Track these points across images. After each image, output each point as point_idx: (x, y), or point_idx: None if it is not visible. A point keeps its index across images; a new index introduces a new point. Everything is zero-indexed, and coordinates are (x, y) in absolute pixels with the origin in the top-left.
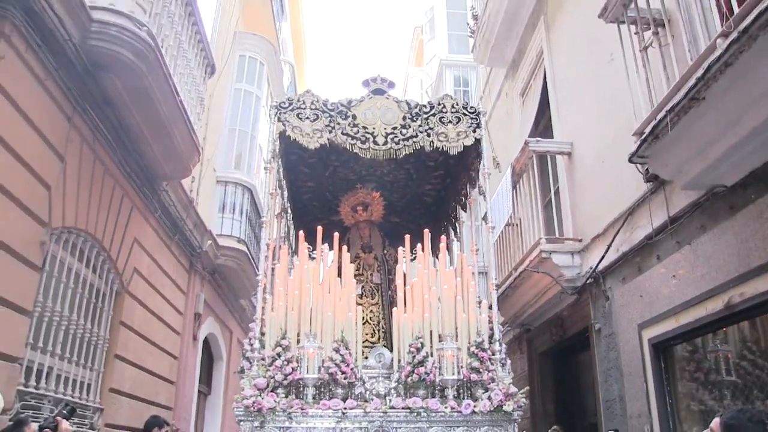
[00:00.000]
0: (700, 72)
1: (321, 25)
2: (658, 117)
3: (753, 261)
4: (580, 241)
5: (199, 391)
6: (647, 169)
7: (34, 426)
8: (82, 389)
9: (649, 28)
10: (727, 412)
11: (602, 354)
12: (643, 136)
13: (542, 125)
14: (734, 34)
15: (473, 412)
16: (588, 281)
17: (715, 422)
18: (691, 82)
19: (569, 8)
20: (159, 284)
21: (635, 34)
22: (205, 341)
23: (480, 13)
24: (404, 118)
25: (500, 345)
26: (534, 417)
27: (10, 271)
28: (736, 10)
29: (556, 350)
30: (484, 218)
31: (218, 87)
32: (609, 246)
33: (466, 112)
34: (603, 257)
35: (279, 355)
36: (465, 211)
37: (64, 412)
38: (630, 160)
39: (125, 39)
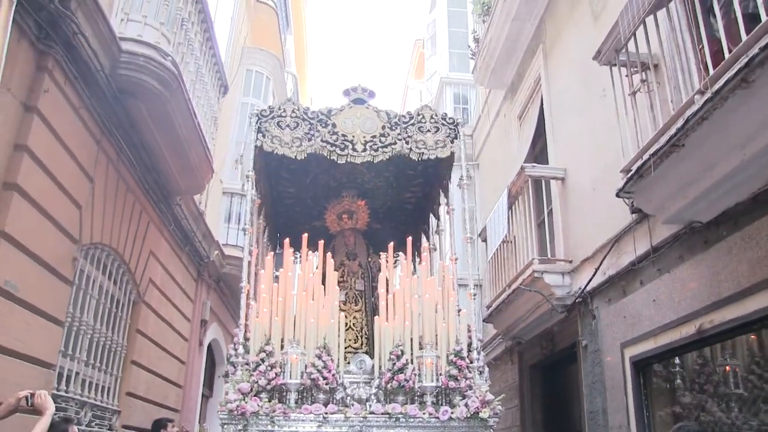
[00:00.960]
0: (680, 122)
1: (322, 34)
2: (643, 158)
3: (723, 291)
4: (571, 262)
5: (202, 394)
6: (633, 203)
7: (76, 428)
8: (103, 392)
9: (639, 72)
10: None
11: (588, 369)
12: (629, 174)
13: (538, 147)
14: (708, 94)
15: (450, 418)
16: (577, 300)
17: None
18: (673, 130)
19: (566, 40)
20: (171, 293)
21: (626, 76)
22: (209, 346)
23: (481, 36)
24: (383, 127)
25: (478, 353)
26: (523, 426)
27: (47, 285)
28: (710, 65)
29: (546, 363)
30: (481, 234)
31: (226, 101)
32: (597, 269)
33: (445, 122)
34: (591, 279)
35: (263, 360)
36: (438, 219)
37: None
38: (617, 195)
39: (151, 68)
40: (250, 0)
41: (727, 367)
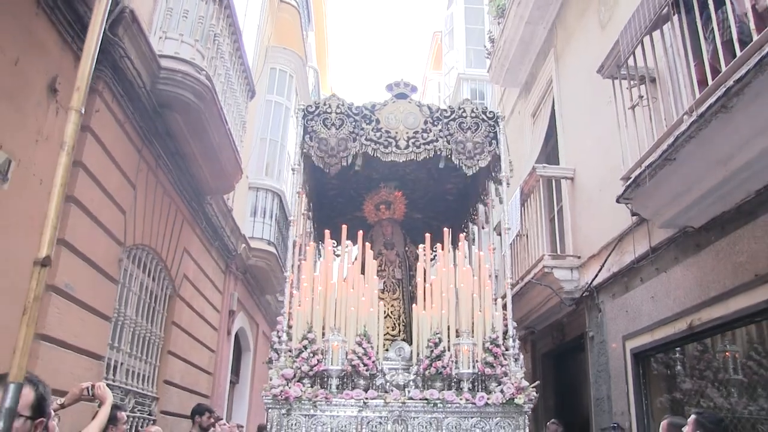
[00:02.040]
0: (671, 139)
1: (342, 27)
2: (639, 169)
3: (711, 292)
4: (579, 257)
5: (231, 380)
6: (632, 207)
7: (125, 414)
8: (143, 380)
9: (641, 84)
10: (705, 413)
11: (594, 358)
12: (628, 182)
13: (550, 145)
14: (694, 116)
15: (486, 404)
16: (584, 294)
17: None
18: (665, 145)
19: (576, 46)
20: (202, 287)
21: (627, 89)
22: (236, 335)
23: (496, 37)
24: (425, 122)
25: (513, 341)
26: (536, 411)
27: (98, 285)
28: (697, 88)
29: (557, 352)
30: (496, 228)
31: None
32: (602, 266)
33: (485, 118)
34: (597, 275)
35: (305, 347)
36: (486, 206)
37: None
38: (617, 201)
39: (188, 83)
40: (273, 0)
41: (727, 353)
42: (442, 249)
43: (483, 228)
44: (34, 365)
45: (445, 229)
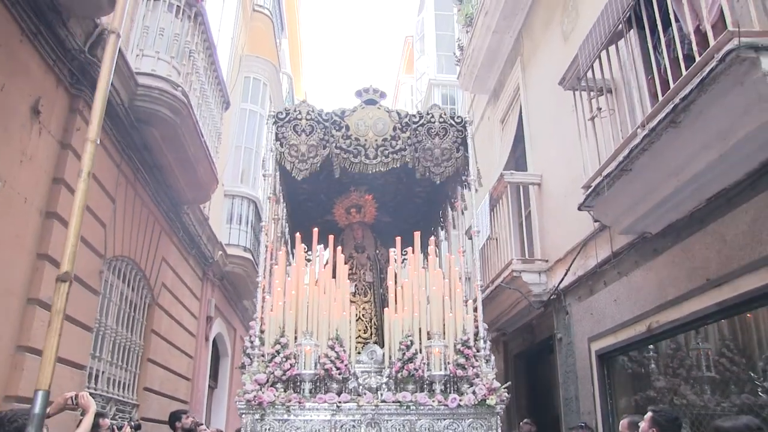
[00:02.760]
0: (626, 151)
1: (316, 32)
2: (599, 178)
3: (668, 295)
4: (547, 261)
5: (209, 386)
6: (593, 214)
7: (108, 421)
8: (123, 388)
9: (600, 95)
10: (659, 409)
11: (563, 359)
12: (588, 191)
13: (519, 151)
14: (646, 130)
15: (459, 405)
16: (552, 297)
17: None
18: (620, 157)
19: (541, 55)
20: (180, 294)
21: (587, 101)
22: (214, 340)
23: (465, 45)
24: (394, 128)
25: (485, 342)
26: (509, 411)
27: (80, 297)
28: (649, 103)
29: (528, 353)
30: (467, 233)
31: None
32: (567, 270)
33: (453, 123)
34: (563, 279)
35: (278, 352)
36: (453, 210)
37: (132, 424)
38: (579, 208)
39: (164, 99)
40: (247, 10)
41: (684, 353)
42: (413, 252)
43: (453, 230)
44: (19, 377)
45: (416, 233)
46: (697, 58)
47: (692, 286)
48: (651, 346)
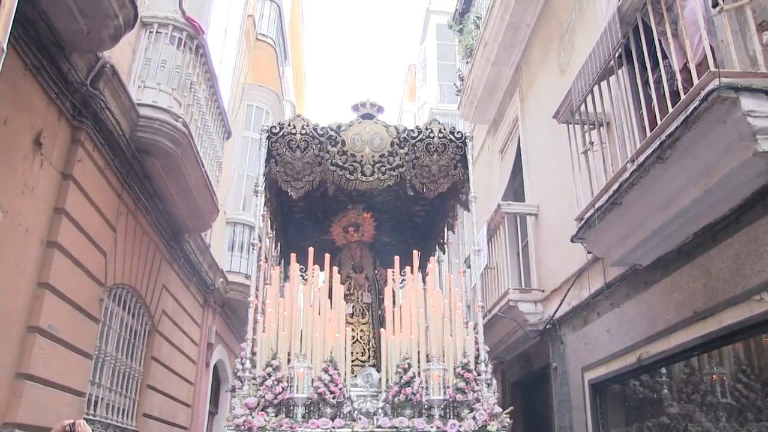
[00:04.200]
0: (616, 185)
1: (319, 59)
2: (590, 212)
3: (658, 326)
4: (543, 291)
5: (210, 412)
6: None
7: None
8: (123, 414)
9: (593, 128)
10: None
11: (558, 388)
12: (581, 223)
13: (518, 181)
14: (635, 166)
15: (458, 431)
16: (547, 327)
17: None
18: (611, 191)
19: (538, 87)
20: (180, 321)
21: (582, 134)
22: (214, 366)
23: (465, 75)
24: (392, 144)
25: (486, 366)
26: None
27: (80, 325)
28: (637, 139)
29: (525, 381)
30: (466, 261)
31: None
32: (562, 300)
33: (453, 138)
34: (558, 308)
35: (269, 374)
36: (453, 232)
37: None
38: (572, 240)
39: (165, 130)
40: (250, 39)
41: (673, 384)
42: (412, 272)
43: (449, 246)
44: (18, 403)
45: (415, 252)
46: (683, 96)
47: (679, 318)
48: (642, 377)
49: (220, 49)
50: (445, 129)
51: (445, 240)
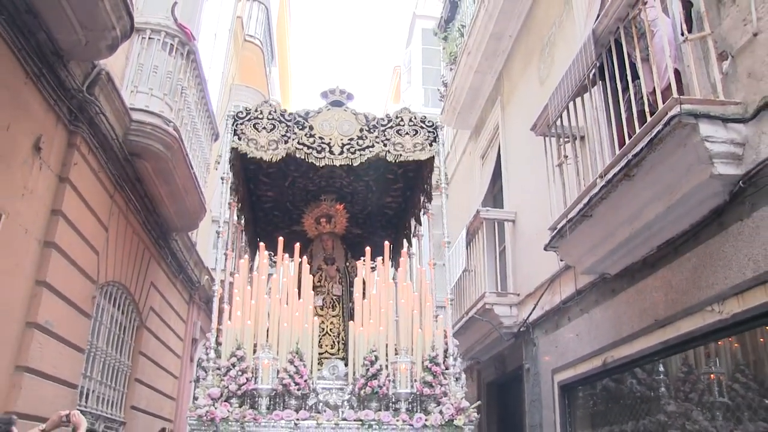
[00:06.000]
0: (586, 199)
1: (306, 58)
2: (562, 222)
3: (623, 332)
4: (518, 295)
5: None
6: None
7: None
8: (111, 406)
9: (568, 142)
10: None
11: (530, 389)
12: (554, 232)
13: (497, 187)
14: (603, 181)
15: (425, 425)
16: (521, 330)
17: None
18: (582, 204)
19: (519, 97)
20: (167, 317)
21: (557, 147)
22: (199, 361)
23: (449, 82)
24: (361, 130)
25: (455, 360)
26: None
27: (73, 321)
28: (607, 155)
29: (500, 382)
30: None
31: None
32: (536, 304)
33: (424, 125)
34: (531, 312)
35: (233, 365)
36: (420, 225)
37: None
38: (545, 248)
39: (156, 134)
40: (238, 40)
41: (636, 386)
42: (382, 263)
43: (420, 239)
44: (17, 394)
45: (386, 243)
46: (649, 118)
47: (642, 326)
48: (607, 380)
49: (209, 52)
50: (416, 117)
51: (415, 232)
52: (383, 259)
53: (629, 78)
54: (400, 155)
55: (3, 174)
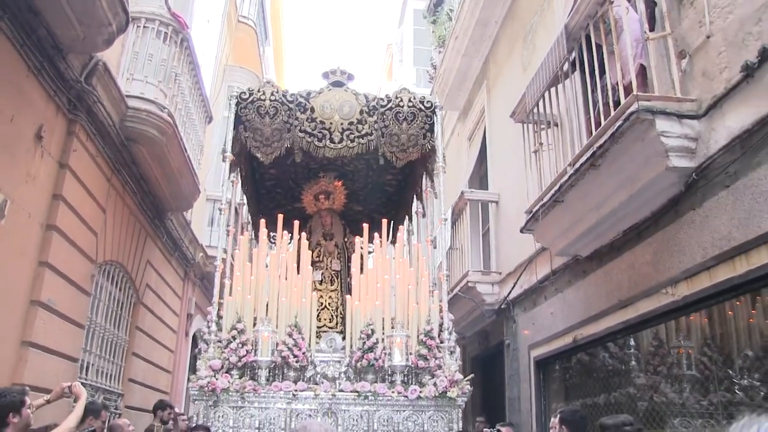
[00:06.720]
0: (558, 185)
1: (300, 37)
2: (537, 207)
3: (591, 311)
4: (500, 273)
5: (188, 378)
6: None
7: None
8: (110, 379)
9: (547, 128)
10: (564, 409)
11: (509, 363)
12: (529, 216)
13: (484, 168)
14: (572, 170)
15: (419, 397)
16: (502, 307)
17: (553, 421)
18: (554, 189)
19: (504, 82)
20: (162, 293)
21: (534, 133)
22: (194, 336)
23: (438, 64)
24: (361, 112)
25: (449, 334)
26: (465, 407)
27: (74, 298)
28: (576, 143)
29: (483, 356)
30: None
31: None
32: (515, 283)
33: (423, 108)
34: (511, 291)
35: (234, 337)
36: (420, 202)
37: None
38: (521, 231)
39: (152, 120)
40: (231, 21)
41: (605, 360)
42: (380, 239)
43: (423, 218)
44: (24, 367)
45: (384, 220)
46: (613, 113)
47: (607, 305)
48: (577, 355)
49: (203, 36)
50: (414, 98)
51: (415, 210)
52: (380, 236)
53: (597, 71)
54: (394, 153)
55: (8, 162)
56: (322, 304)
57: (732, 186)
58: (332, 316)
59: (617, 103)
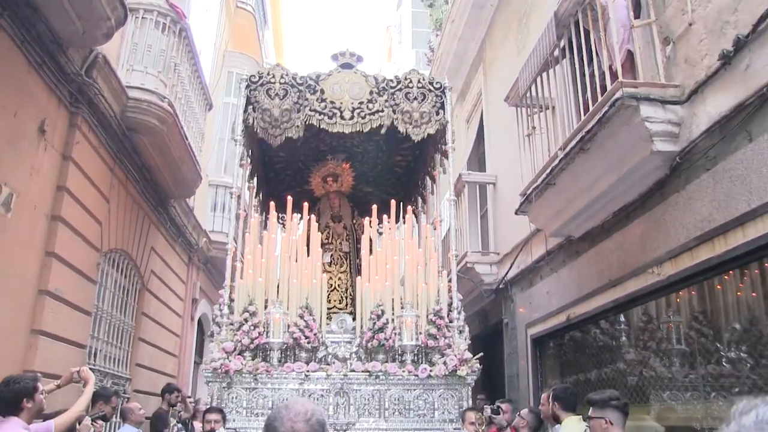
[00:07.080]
0: (549, 168)
1: (300, 19)
2: (530, 189)
3: (583, 291)
4: (498, 254)
5: (195, 361)
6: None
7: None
8: (118, 364)
9: (540, 112)
10: (556, 387)
11: (508, 342)
12: (523, 198)
13: (481, 150)
14: (563, 154)
15: (429, 376)
16: (500, 287)
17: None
18: (546, 172)
19: (499, 65)
20: (167, 279)
21: (527, 117)
22: (199, 320)
23: (435, 47)
24: (371, 93)
25: (459, 313)
26: None
27: (80, 286)
28: (565, 129)
29: (483, 335)
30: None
31: None
32: (512, 263)
33: (432, 88)
34: (508, 271)
35: (246, 320)
36: (434, 182)
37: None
38: (516, 213)
39: (152, 111)
40: (230, 7)
41: (598, 338)
42: (389, 220)
43: (432, 195)
44: (34, 355)
45: (392, 201)
46: (600, 97)
47: (598, 285)
48: (571, 333)
49: (201, 23)
50: (424, 79)
51: (426, 191)
52: (389, 217)
53: (586, 56)
54: (407, 129)
55: (12, 157)
56: (331, 285)
57: (712, 169)
58: (342, 297)
59: (606, 89)
